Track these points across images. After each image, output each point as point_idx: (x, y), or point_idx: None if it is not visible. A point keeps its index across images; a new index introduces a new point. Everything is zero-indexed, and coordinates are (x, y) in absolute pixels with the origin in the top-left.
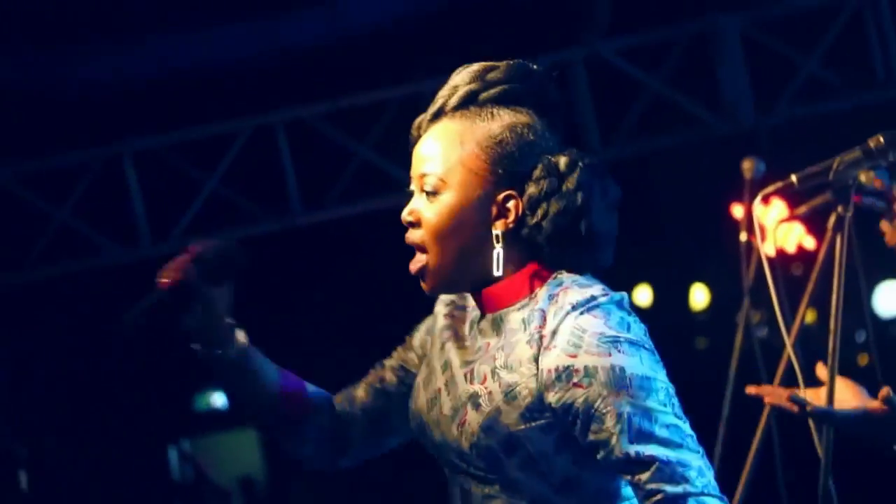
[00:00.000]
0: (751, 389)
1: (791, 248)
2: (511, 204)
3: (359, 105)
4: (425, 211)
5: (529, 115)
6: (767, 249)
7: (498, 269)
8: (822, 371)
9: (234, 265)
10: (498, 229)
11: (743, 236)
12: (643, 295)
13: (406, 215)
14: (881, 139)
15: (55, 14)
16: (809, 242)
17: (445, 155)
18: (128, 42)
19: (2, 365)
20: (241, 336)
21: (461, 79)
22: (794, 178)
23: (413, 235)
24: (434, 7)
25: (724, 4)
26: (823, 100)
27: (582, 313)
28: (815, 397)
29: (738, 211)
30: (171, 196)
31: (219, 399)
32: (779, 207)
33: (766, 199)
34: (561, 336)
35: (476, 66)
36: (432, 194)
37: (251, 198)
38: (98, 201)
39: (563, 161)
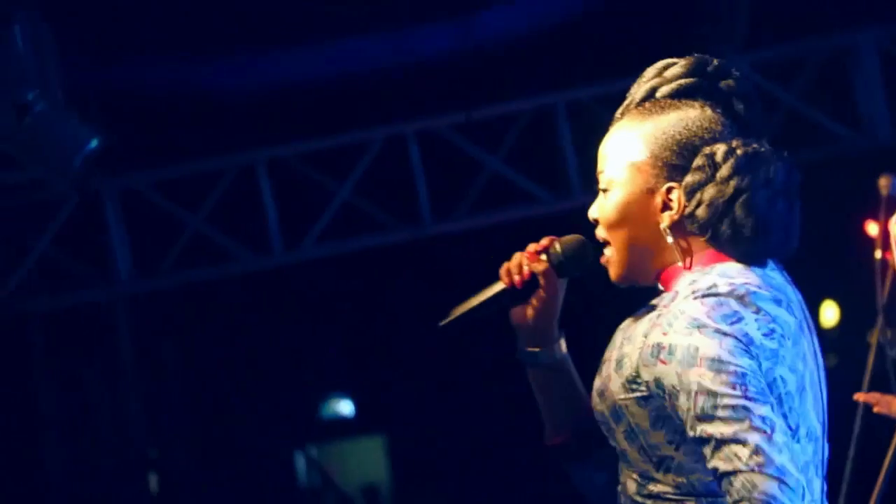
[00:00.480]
0: (859, 396)
1: None
2: (674, 195)
3: (491, 116)
4: (599, 208)
5: (702, 108)
6: None
7: (677, 258)
8: None
9: (583, 264)
10: (664, 222)
11: (878, 254)
12: None
13: (589, 214)
14: None
15: (195, 22)
16: None
17: (615, 153)
18: (265, 52)
19: (138, 370)
20: (563, 340)
21: (646, 75)
22: None
23: (597, 232)
24: (567, 18)
25: (861, 19)
26: None
27: (696, 299)
28: None
29: (872, 228)
30: (304, 204)
31: (345, 406)
32: None
33: None
34: (667, 316)
35: (660, 63)
36: (605, 191)
37: (383, 207)
38: (232, 209)
39: (720, 150)
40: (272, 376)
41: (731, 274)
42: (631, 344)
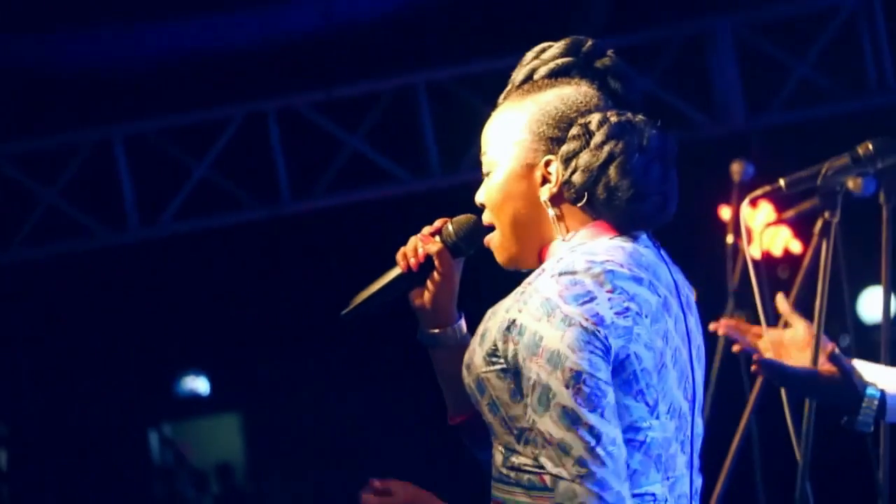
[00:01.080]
0: (713, 326)
1: (777, 252)
2: (553, 167)
3: (351, 95)
4: (485, 191)
5: (578, 85)
6: (753, 252)
7: (559, 233)
8: (781, 303)
9: (475, 242)
10: (544, 194)
11: (730, 238)
12: None
13: (476, 199)
14: (869, 146)
15: None
16: (796, 246)
17: (497, 135)
18: (123, 27)
19: None
20: (462, 321)
21: (525, 59)
22: (782, 182)
23: (483, 216)
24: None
25: (718, 6)
26: (815, 104)
27: (553, 276)
28: (771, 346)
29: (725, 213)
30: (161, 181)
31: (200, 384)
32: (766, 211)
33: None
34: (526, 293)
35: (537, 47)
36: (487, 175)
37: (240, 185)
38: (87, 184)
39: (594, 119)
40: (126, 353)
41: (596, 252)
42: (494, 318)
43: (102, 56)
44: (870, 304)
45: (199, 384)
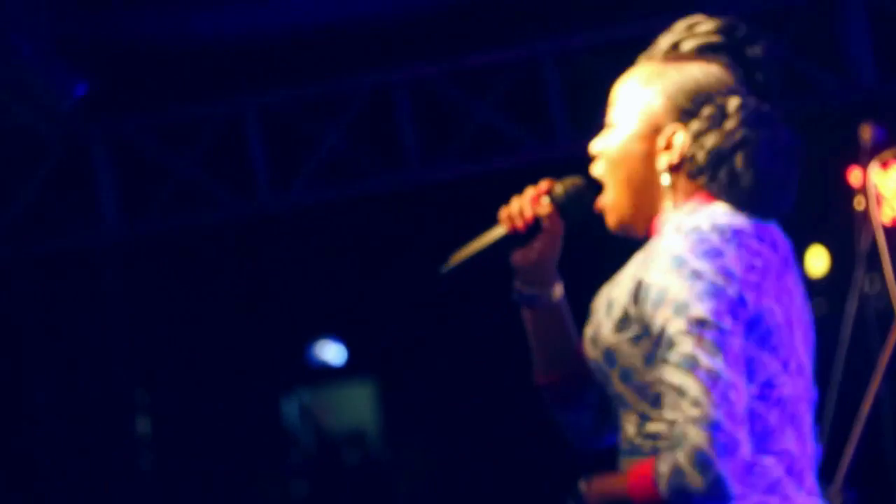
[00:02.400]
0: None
1: None
2: (678, 138)
3: (479, 65)
4: (602, 141)
5: (721, 65)
6: (884, 217)
7: (670, 201)
8: None
9: (584, 205)
10: (662, 162)
11: (859, 202)
12: None
13: (591, 148)
14: None
15: None
16: None
17: (630, 90)
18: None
19: (124, 313)
20: (560, 284)
21: (676, 29)
22: None
23: (594, 168)
24: None
25: None
26: None
27: (681, 234)
28: None
29: (855, 177)
30: (293, 150)
31: (335, 351)
32: None
33: (884, 165)
34: (652, 255)
35: (691, 19)
36: (612, 127)
37: (367, 155)
38: (220, 154)
39: (732, 102)
40: (260, 321)
41: (716, 213)
42: (619, 287)
43: (233, 27)
44: None
45: (333, 352)
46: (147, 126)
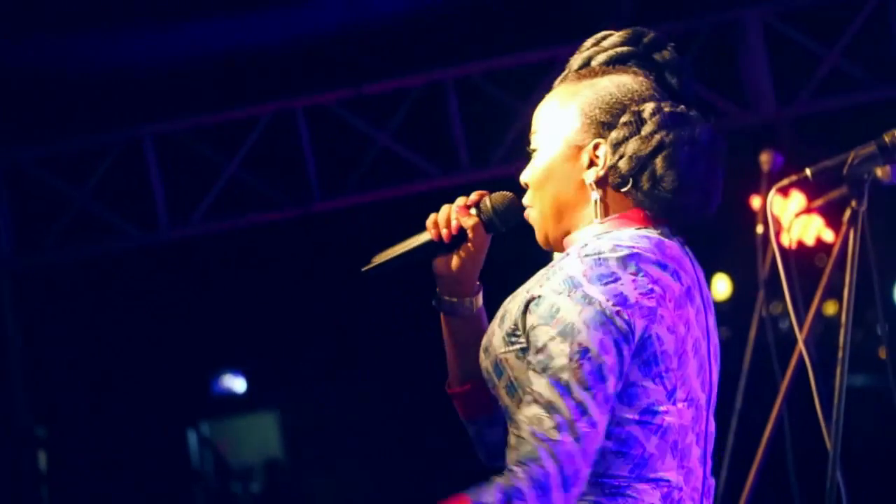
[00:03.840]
0: None
1: (810, 241)
2: (601, 151)
3: (379, 92)
4: (528, 170)
5: (635, 74)
6: (783, 242)
7: (597, 216)
8: None
9: (511, 221)
10: (590, 177)
11: (759, 228)
12: None
13: (521, 178)
14: None
15: None
16: (828, 235)
17: (548, 115)
18: (151, 27)
19: (22, 347)
20: (480, 294)
21: (584, 46)
22: (808, 171)
23: (524, 198)
24: None
25: None
26: (846, 92)
27: (579, 257)
28: None
29: (755, 203)
30: (192, 180)
31: (237, 383)
32: (798, 200)
33: (784, 192)
34: (548, 273)
35: (598, 34)
36: (534, 152)
37: (271, 183)
38: (118, 184)
39: (648, 107)
40: (161, 353)
41: (622, 238)
42: (515, 300)
43: (130, 57)
44: None
45: (235, 383)
46: (43, 157)
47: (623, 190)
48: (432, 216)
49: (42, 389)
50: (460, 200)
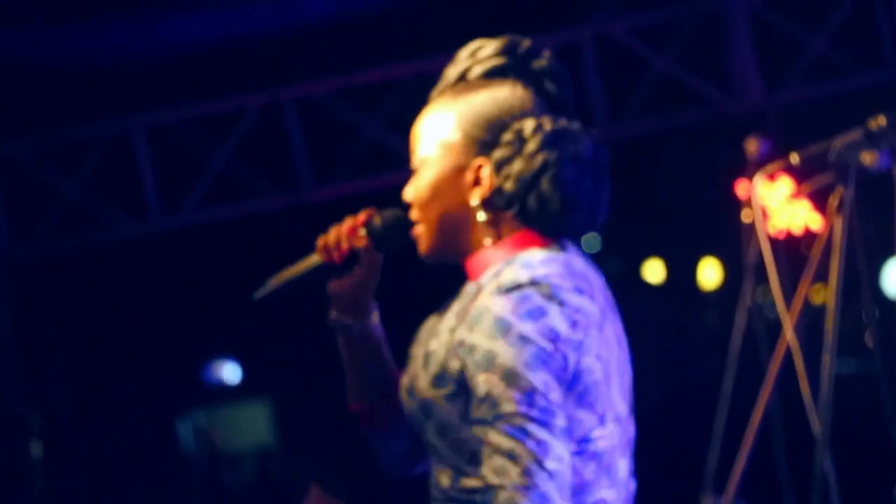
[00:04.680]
0: None
1: (798, 227)
2: (484, 172)
3: (368, 82)
4: (411, 189)
5: (513, 87)
6: (770, 228)
7: (486, 236)
8: None
9: (402, 238)
10: (474, 199)
11: (746, 215)
12: (653, 270)
13: (404, 195)
14: (881, 120)
15: None
16: (816, 221)
17: (428, 133)
18: (139, 17)
19: (15, 336)
20: (376, 312)
21: (459, 57)
22: (794, 157)
23: (411, 214)
24: None
25: None
26: (832, 79)
27: (500, 294)
28: None
29: (742, 189)
30: (181, 171)
31: (230, 371)
32: (786, 186)
33: (771, 178)
34: (474, 313)
35: (471, 45)
36: (417, 171)
37: (260, 173)
38: (108, 175)
39: (528, 126)
40: (153, 342)
41: (532, 264)
42: (437, 339)
43: (119, 47)
44: (893, 278)
45: (228, 371)
46: (33, 148)
47: (510, 211)
48: (321, 238)
49: (35, 378)
50: (349, 221)
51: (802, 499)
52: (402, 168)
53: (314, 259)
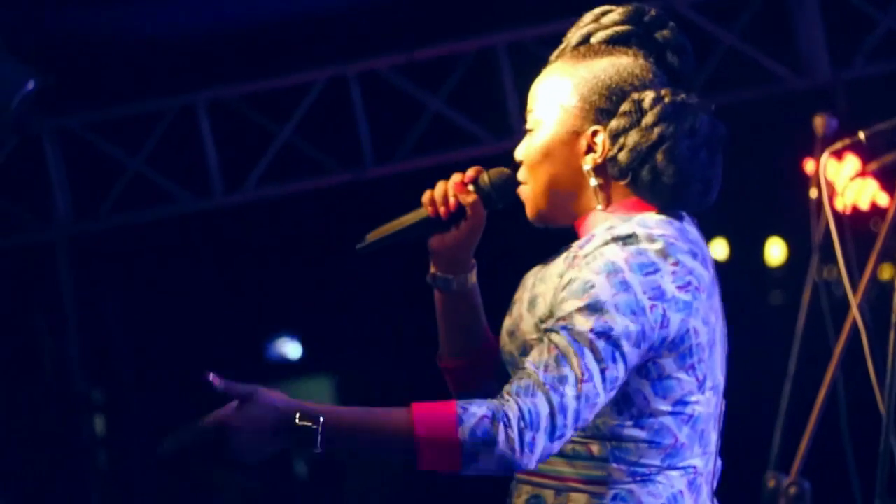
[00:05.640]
0: None
1: (865, 205)
2: (599, 139)
3: (431, 58)
4: (523, 148)
5: (635, 56)
6: (837, 206)
7: (598, 202)
8: None
9: (509, 196)
10: (587, 164)
11: (813, 193)
12: (719, 249)
13: (515, 154)
14: None
15: None
16: (883, 199)
17: (545, 94)
18: None
19: (78, 311)
20: (475, 270)
21: (583, 21)
22: (861, 134)
23: (519, 173)
24: None
25: None
26: None
27: (616, 243)
28: None
29: (809, 167)
30: (245, 146)
31: (292, 348)
32: (853, 163)
33: (838, 156)
34: (586, 257)
35: (597, 10)
36: (531, 131)
37: (324, 149)
38: (172, 151)
39: (648, 97)
40: (216, 317)
41: (649, 224)
42: (545, 284)
43: (184, 23)
44: None
45: (290, 348)
46: (98, 122)
47: (622, 181)
48: (428, 193)
49: (98, 354)
50: (456, 177)
51: (867, 478)
52: (465, 143)
53: (420, 213)
